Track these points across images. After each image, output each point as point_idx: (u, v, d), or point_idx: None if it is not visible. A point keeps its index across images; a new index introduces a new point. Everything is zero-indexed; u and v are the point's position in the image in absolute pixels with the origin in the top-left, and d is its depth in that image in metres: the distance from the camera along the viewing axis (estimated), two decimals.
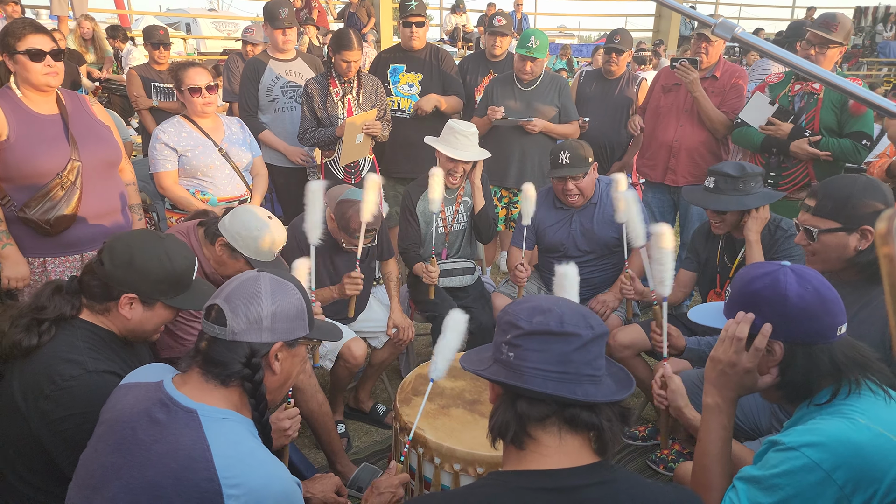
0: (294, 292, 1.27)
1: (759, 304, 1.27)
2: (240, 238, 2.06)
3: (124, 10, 11.29)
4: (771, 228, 2.47)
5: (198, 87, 2.82)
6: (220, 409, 1.17)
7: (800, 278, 1.26)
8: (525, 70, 3.60)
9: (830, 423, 1.16)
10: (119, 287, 1.52)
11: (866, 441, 1.12)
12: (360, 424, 2.93)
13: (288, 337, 1.25)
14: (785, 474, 1.13)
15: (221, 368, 1.19)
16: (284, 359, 1.26)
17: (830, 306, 1.24)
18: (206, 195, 2.91)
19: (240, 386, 1.20)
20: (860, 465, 1.10)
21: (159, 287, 1.56)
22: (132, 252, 1.54)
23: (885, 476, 1.10)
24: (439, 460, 1.84)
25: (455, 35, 12.23)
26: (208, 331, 1.21)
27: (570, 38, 16.72)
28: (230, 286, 1.23)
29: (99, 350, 1.50)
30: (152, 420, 1.15)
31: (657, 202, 3.81)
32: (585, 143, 2.87)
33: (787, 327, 1.25)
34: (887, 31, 14.00)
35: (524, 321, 1.03)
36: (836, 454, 1.11)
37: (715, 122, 3.44)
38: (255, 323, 1.20)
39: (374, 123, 3.36)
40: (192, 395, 1.18)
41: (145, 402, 1.18)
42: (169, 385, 1.21)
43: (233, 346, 1.19)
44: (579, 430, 1.02)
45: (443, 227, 3.13)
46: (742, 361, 1.27)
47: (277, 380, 1.27)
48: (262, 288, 1.22)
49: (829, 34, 3.03)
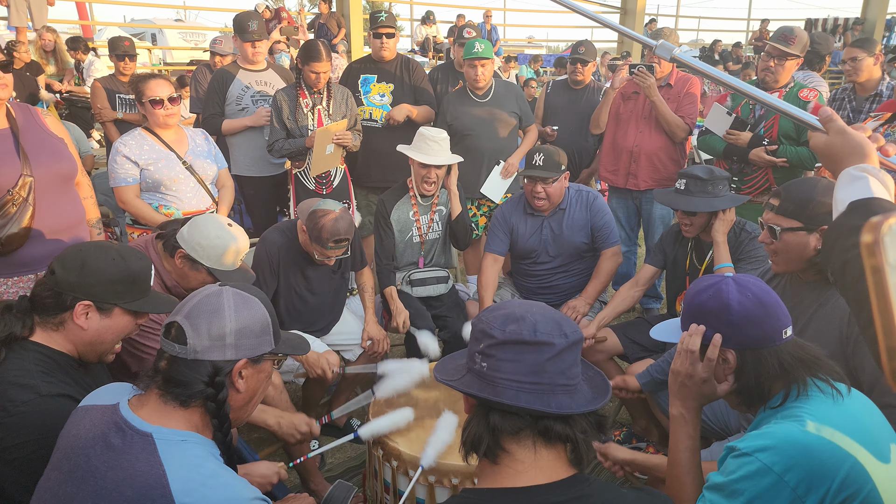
0: (258, 306, 1.22)
1: (707, 315, 1.31)
2: (200, 248, 1.99)
3: (87, 21, 11.06)
4: (736, 231, 2.53)
5: (159, 98, 2.77)
6: (178, 431, 1.12)
7: (740, 287, 1.30)
8: (477, 76, 3.59)
9: (781, 427, 1.18)
10: (72, 293, 1.46)
11: (815, 441, 1.14)
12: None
13: (253, 353, 1.20)
14: (742, 479, 1.14)
15: (183, 389, 1.14)
16: (249, 376, 1.22)
17: (772, 311, 1.28)
18: (169, 209, 2.85)
19: (202, 406, 1.15)
20: (810, 466, 1.12)
21: (114, 289, 1.50)
22: (84, 257, 1.48)
23: (835, 475, 1.11)
24: (413, 472, 1.81)
25: (426, 46, 12.29)
26: (168, 349, 1.16)
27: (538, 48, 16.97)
28: (191, 302, 1.18)
29: (52, 373, 1.43)
30: (107, 445, 1.09)
31: (622, 207, 3.89)
32: (561, 151, 2.90)
33: (735, 335, 1.28)
34: (837, 41, 14.53)
35: (497, 330, 1.01)
36: (787, 456, 1.13)
37: (672, 125, 3.55)
38: (218, 340, 1.15)
39: (344, 133, 3.34)
40: (148, 417, 1.13)
41: (101, 427, 1.13)
42: (125, 407, 1.15)
43: (194, 365, 1.14)
44: (554, 443, 1.01)
45: (418, 237, 3.12)
46: (698, 372, 1.31)
47: (242, 398, 1.23)
48: (224, 303, 1.17)
49: (788, 47, 3.16)
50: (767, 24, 14.48)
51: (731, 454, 1.20)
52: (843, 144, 1.14)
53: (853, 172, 1.09)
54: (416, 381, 2.02)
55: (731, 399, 1.36)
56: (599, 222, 2.93)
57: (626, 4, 12.13)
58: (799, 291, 1.84)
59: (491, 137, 3.71)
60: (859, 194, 1.05)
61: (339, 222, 2.42)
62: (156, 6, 14.16)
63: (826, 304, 1.73)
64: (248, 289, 1.26)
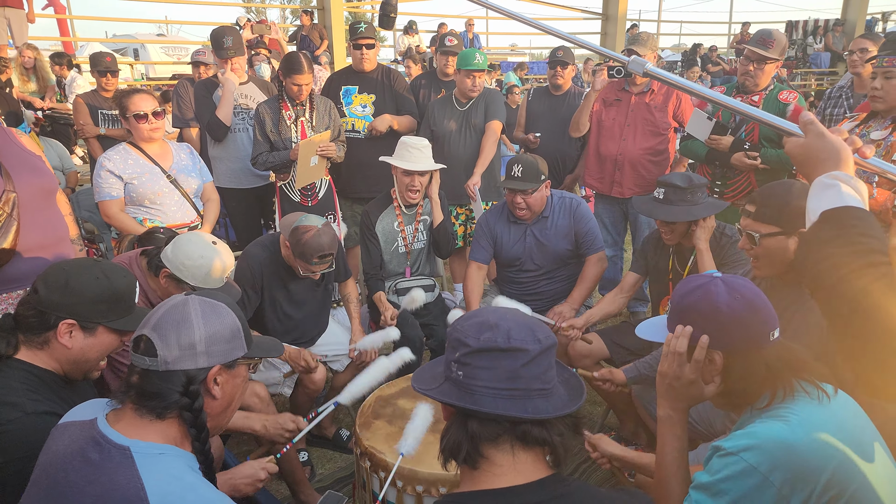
0: (227, 312, 1.22)
1: (695, 316, 1.31)
2: (185, 269, 1.99)
3: (69, 38, 11.01)
4: (717, 235, 2.54)
5: (143, 113, 2.77)
6: (156, 445, 1.12)
7: (729, 288, 1.30)
8: (471, 87, 3.63)
9: (766, 426, 1.19)
10: (56, 313, 1.45)
11: (800, 441, 1.15)
12: (324, 451, 2.87)
13: (226, 359, 1.20)
14: (727, 479, 1.16)
15: (157, 401, 1.13)
16: (225, 382, 1.21)
17: (761, 313, 1.28)
18: (154, 223, 2.84)
19: (178, 417, 1.15)
20: (795, 466, 1.13)
21: (98, 308, 1.49)
22: (67, 275, 1.48)
23: (820, 475, 1.12)
24: (401, 483, 1.81)
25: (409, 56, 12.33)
26: (138, 363, 1.15)
27: (521, 55, 17.08)
28: (157, 314, 1.18)
29: (38, 391, 1.43)
30: (86, 460, 1.09)
31: (608, 214, 3.91)
32: (541, 160, 2.91)
33: (723, 336, 1.28)
34: (817, 43, 14.76)
35: (472, 338, 1.02)
36: (772, 456, 1.14)
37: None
38: (188, 349, 1.15)
39: (328, 145, 3.35)
40: (125, 431, 1.13)
41: (79, 442, 1.12)
42: (102, 422, 1.15)
43: (167, 377, 1.14)
44: (532, 446, 1.02)
45: (404, 247, 3.13)
46: (685, 374, 1.31)
47: (219, 404, 1.22)
48: (191, 312, 1.17)
49: (766, 51, 3.19)
50: (748, 27, 14.67)
51: (716, 454, 1.21)
52: (821, 148, 1.14)
53: (825, 181, 1.10)
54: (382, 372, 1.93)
55: (716, 400, 1.37)
56: (583, 229, 2.95)
57: (607, 10, 12.25)
58: (780, 291, 1.85)
59: (470, 144, 3.73)
60: (830, 203, 1.06)
61: (322, 237, 2.42)
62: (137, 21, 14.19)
63: (807, 303, 1.74)
64: (215, 295, 1.26)
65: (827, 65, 14.17)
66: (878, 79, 2.45)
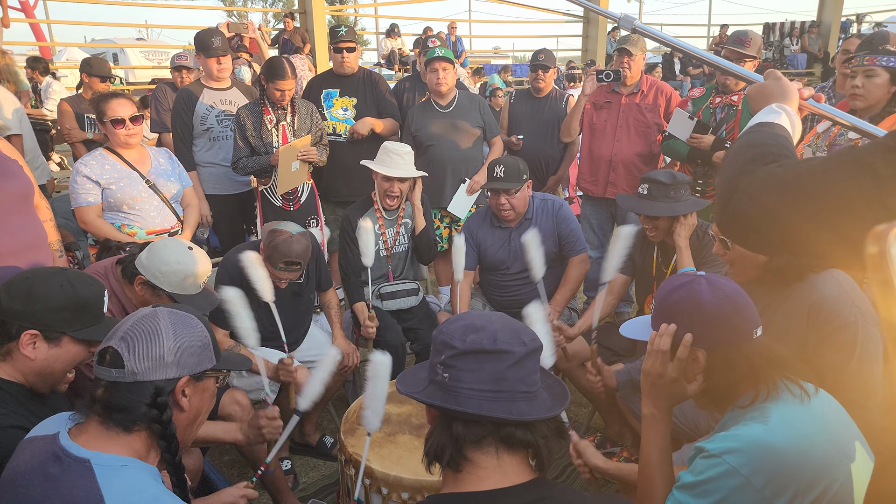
0: (196, 324, 1.21)
1: (678, 314, 1.32)
2: (161, 275, 1.95)
3: (46, 42, 10.84)
4: (699, 234, 2.57)
5: (121, 118, 2.73)
6: (118, 457, 1.10)
7: (712, 287, 1.31)
8: (439, 80, 3.59)
9: (748, 429, 1.19)
10: (18, 322, 1.41)
11: (782, 444, 1.15)
12: (308, 459, 2.83)
13: (195, 370, 1.19)
14: (710, 481, 1.16)
15: (125, 414, 1.11)
16: (192, 394, 1.20)
17: (743, 311, 1.29)
18: (132, 228, 2.80)
19: (146, 430, 1.13)
20: (777, 469, 1.13)
21: (62, 316, 1.45)
22: (31, 283, 1.43)
23: (801, 476, 1.13)
24: (387, 490, 1.79)
25: (391, 59, 12.32)
26: (104, 376, 1.13)
27: (504, 58, 17.14)
28: (125, 326, 1.16)
29: (3, 404, 1.38)
30: (45, 476, 1.06)
31: (595, 215, 3.93)
32: (522, 160, 2.91)
33: (706, 335, 1.29)
34: (794, 44, 14.99)
35: (458, 340, 1.02)
36: (754, 458, 1.14)
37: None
38: (157, 360, 1.13)
39: (309, 149, 3.32)
40: (86, 443, 1.10)
41: (40, 458, 1.10)
42: (64, 436, 1.12)
43: (135, 388, 1.12)
44: (516, 449, 1.02)
45: (385, 250, 3.11)
46: (668, 372, 1.31)
47: (187, 417, 1.21)
48: (160, 323, 1.16)
49: (744, 49, 3.25)
50: (727, 29, 14.85)
51: (699, 455, 1.21)
52: (775, 87, 1.22)
53: (773, 108, 1.17)
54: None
55: (699, 399, 1.37)
56: (566, 230, 2.95)
57: (588, 13, 12.35)
58: (757, 294, 1.86)
59: (453, 148, 3.73)
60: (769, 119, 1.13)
61: (294, 245, 2.39)
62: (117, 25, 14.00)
63: (784, 304, 1.74)
64: (184, 308, 1.24)
65: (804, 66, 14.40)
66: (859, 77, 2.48)
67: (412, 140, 3.72)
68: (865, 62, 2.46)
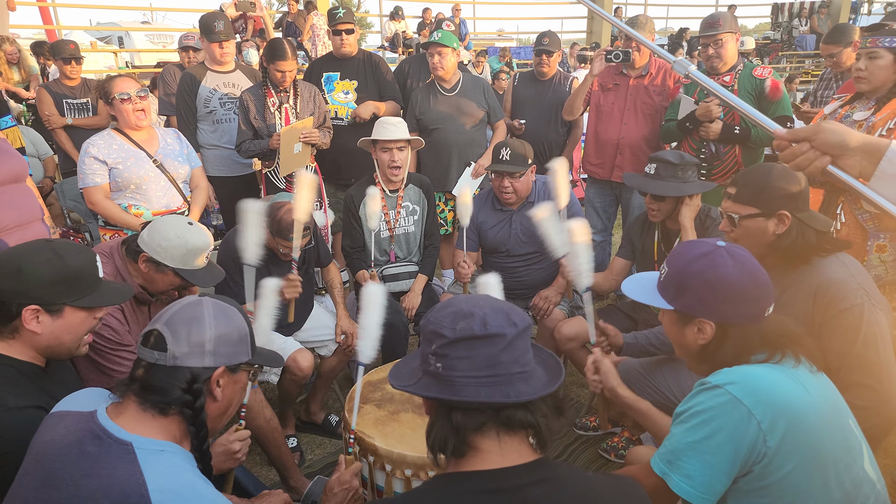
0: (237, 316, 1.25)
1: (698, 285, 1.31)
2: (162, 250, 1.96)
3: (52, 26, 10.81)
4: (702, 217, 2.56)
5: (127, 93, 2.74)
6: (156, 441, 1.12)
7: (735, 260, 1.30)
8: (435, 64, 3.60)
9: (750, 367, 1.24)
10: (16, 300, 1.42)
11: (782, 383, 1.20)
12: (314, 437, 2.88)
13: (230, 361, 1.22)
14: (710, 409, 1.19)
15: (161, 395, 1.14)
16: (226, 385, 1.23)
17: (764, 289, 1.29)
18: (139, 209, 2.82)
19: (179, 414, 1.16)
20: (774, 402, 1.18)
21: (58, 289, 1.46)
22: (18, 261, 1.44)
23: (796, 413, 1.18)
24: (390, 467, 1.82)
25: (395, 41, 12.23)
26: (146, 357, 1.16)
27: (508, 41, 16.98)
28: (170, 311, 1.20)
29: (17, 384, 1.40)
30: (83, 453, 1.08)
31: (599, 198, 3.91)
32: (528, 144, 2.91)
33: (723, 309, 1.29)
34: (803, 25, 14.77)
35: (448, 329, 1.01)
36: (755, 390, 1.19)
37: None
38: (197, 347, 1.17)
39: (311, 131, 3.33)
40: (127, 425, 1.13)
41: (77, 434, 1.12)
42: (103, 415, 1.15)
43: (173, 372, 1.15)
44: (517, 430, 1.02)
45: (387, 231, 3.13)
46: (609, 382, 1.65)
47: (218, 407, 1.24)
48: (204, 311, 1.20)
49: (717, 31, 3.25)
50: (735, 10, 14.65)
51: (702, 388, 1.24)
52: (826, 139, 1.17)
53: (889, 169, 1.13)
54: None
55: (700, 368, 1.38)
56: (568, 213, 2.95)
57: None
58: None
59: (459, 131, 3.72)
60: None
61: None
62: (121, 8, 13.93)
63: (790, 288, 1.75)
64: (227, 300, 1.28)
65: (812, 47, 14.19)
66: (862, 60, 2.46)
67: (416, 123, 3.72)
68: (868, 44, 2.44)
